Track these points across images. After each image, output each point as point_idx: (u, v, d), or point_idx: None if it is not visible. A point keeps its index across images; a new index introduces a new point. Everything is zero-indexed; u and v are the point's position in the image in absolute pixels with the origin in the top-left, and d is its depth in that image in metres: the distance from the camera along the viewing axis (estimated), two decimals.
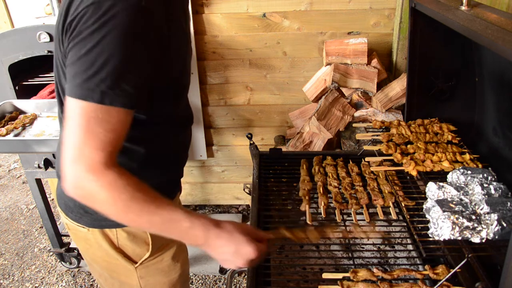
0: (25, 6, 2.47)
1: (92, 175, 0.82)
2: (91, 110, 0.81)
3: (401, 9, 2.18)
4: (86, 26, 0.81)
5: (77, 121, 0.82)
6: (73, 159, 0.82)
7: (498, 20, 0.96)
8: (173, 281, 1.30)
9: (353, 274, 1.06)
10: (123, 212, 0.86)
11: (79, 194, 0.86)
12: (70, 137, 0.82)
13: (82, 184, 0.83)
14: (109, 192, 0.83)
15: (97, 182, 0.82)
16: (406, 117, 1.66)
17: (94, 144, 0.81)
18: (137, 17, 0.82)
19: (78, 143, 0.81)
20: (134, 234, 1.15)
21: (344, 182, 1.44)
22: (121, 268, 1.20)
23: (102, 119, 0.82)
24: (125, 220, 0.89)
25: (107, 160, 0.83)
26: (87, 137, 0.81)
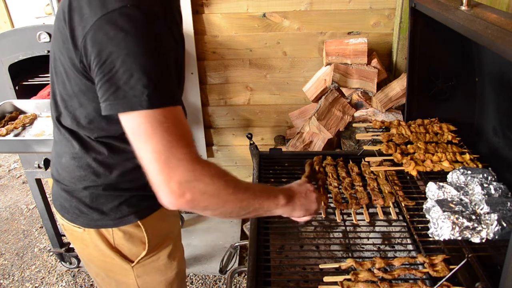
0: (25, 6, 2.47)
1: (199, 171, 0.81)
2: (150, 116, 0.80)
3: (401, 9, 2.18)
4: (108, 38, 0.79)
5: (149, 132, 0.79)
6: (169, 169, 0.79)
7: (498, 20, 0.96)
8: (170, 280, 1.30)
9: (353, 276, 1.06)
10: (233, 195, 0.88)
11: (189, 199, 0.82)
12: (149, 150, 0.80)
13: (191, 186, 0.81)
14: (219, 180, 0.85)
15: (206, 175, 0.83)
16: (406, 117, 1.66)
17: (181, 144, 0.80)
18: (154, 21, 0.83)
19: (163, 151, 0.79)
20: (130, 233, 1.16)
21: (344, 182, 1.44)
22: (118, 267, 1.20)
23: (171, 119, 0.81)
24: (234, 204, 0.90)
25: (197, 154, 0.83)
26: (169, 140, 0.80)
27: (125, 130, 0.84)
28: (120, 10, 0.79)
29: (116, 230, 1.14)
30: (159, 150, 0.79)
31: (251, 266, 1.15)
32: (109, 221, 1.11)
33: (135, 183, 1.11)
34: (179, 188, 0.80)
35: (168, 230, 1.27)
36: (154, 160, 0.80)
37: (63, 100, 1.01)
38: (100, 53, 0.81)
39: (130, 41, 0.79)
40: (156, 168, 0.80)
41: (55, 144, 1.13)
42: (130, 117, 0.81)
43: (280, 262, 1.35)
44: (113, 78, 0.80)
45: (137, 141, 0.82)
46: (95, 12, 0.81)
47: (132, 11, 0.80)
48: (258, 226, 1.32)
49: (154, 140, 0.79)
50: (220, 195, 0.86)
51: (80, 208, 1.11)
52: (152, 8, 0.83)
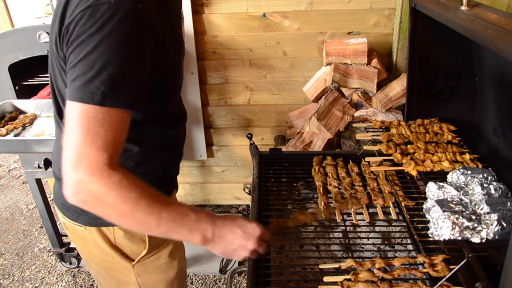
0: (25, 6, 2.46)
1: (98, 177, 0.81)
2: (91, 112, 0.81)
3: (401, 9, 2.18)
4: (84, 29, 0.81)
5: (78, 124, 0.81)
6: (75, 163, 0.81)
7: (498, 20, 0.96)
8: (170, 279, 1.30)
9: (353, 276, 1.06)
10: (132, 211, 0.85)
11: (81, 198, 0.84)
12: (71, 140, 0.81)
13: (86, 187, 0.82)
14: (117, 192, 0.82)
15: (103, 184, 0.81)
16: (406, 117, 1.66)
17: (97, 145, 0.81)
18: (134, 20, 0.83)
19: (80, 146, 0.81)
20: (131, 232, 1.16)
21: (344, 182, 1.44)
22: (119, 266, 1.20)
23: (103, 120, 0.81)
24: (132, 220, 0.87)
25: (111, 161, 0.82)
26: (89, 139, 0.80)
27: (66, 112, 0.84)
28: (104, 5, 0.80)
29: (117, 228, 1.14)
30: (78, 143, 0.81)
31: (251, 266, 1.15)
32: None
33: None
34: (75, 185, 0.82)
35: None
36: (69, 150, 0.82)
37: (62, 97, 1.02)
38: (75, 39, 0.83)
39: (104, 36, 0.80)
40: (67, 158, 0.82)
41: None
42: (75, 105, 0.82)
43: (280, 262, 1.35)
44: (77, 66, 0.82)
45: (69, 127, 0.83)
46: (81, 4, 0.82)
47: (115, 7, 0.80)
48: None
49: (81, 133, 0.81)
50: (114, 207, 0.84)
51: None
52: (137, 5, 0.83)
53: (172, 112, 1.18)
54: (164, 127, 1.15)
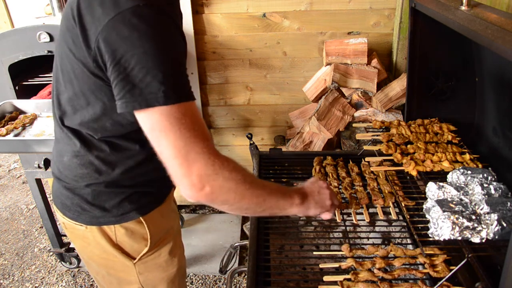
0: (25, 6, 2.47)
1: (218, 165, 0.83)
2: (175, 111, 0.82)
3: (401, 9, 2.18)
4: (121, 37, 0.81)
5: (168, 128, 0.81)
6: (188, 163, 0.82)
7: (498, 20, 0.96)
8: (171, 276, 1.31)
9: (354, 276, 1.06)
10: (250, 190, 0.89)
11: (207, 192, 0.84)
12: (169, 145, 0.82)
13: (211, 179, 0.83)
14: (237, 174, 0.86)
15: (225, 168, 0.84)
16: (406, 117, 1.66)
17: (199, 139, 0.82)
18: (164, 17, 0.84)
19: (182, 146, 0.81)
20: (132, 230, 1.16)
21: (344, 182, 1.44)
22: (120, 264, 1.20)
23: (189, 115, 0.83)
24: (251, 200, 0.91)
25: (214, 147, 0.84)
26: (187, 136, 0.82)
27: (143, 127, 0.85)
28: (132, 9, 0.80)
29: (118, 227, 1.14)
30: (178, 145, 0.81)
31: (251, 266, 1.15)
32: (111, 218, 1.12)
33: (136, 180, 1.12)
34: (199, 181, 0.83)
35: (168, 226, 1.27)
36: (174, 155, 0.82)
37: (69, 99, 1.01)
38: (114, 52, 0.82)
39: (144, 39, 0.80)
40: (176, 163, 0.82)
41: (57, 142, 1.14)
42: (147, 114, 0.82)
43: (280, 262, 1.35)
44: (128, 76, 0.82)
45: (156, 137, 0.83)
46: (107, 12, 0.81)
47: (144, 10, 0.81)
48: (258, 226, 1.32)
49: (173, 136, 0.81)
50: (237, 189, 0.88)
51: (82, 206, 1.12)
52: (163, 7, 0.84)
53: None
54: None
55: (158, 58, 0.81)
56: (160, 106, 0.81)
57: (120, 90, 0.84)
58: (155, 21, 0.82)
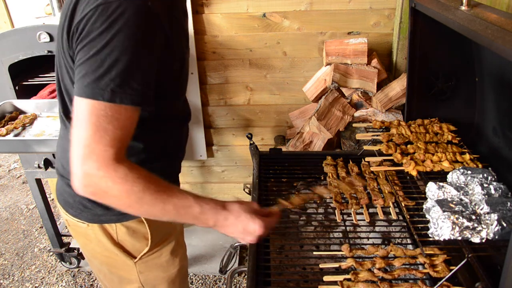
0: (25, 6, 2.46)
1: (104, 171, 0.84)
2: (100, 108, 0.83)
3: (401, 9, 2.18)
4: (95, 27, 0.82)
5: (87, 120, 0.83)
6: (83, 157, 0.83)
7: (498, 20, 0.96)
8: (172, 277, 1.31)
9: (354, 276, 1.06)
10: (137, 204, 0.88)
11: (91, 191, 0.87)
12: (80, 135, 0.84)
13: (94, 181, 0.85)
14: (122, 186, 0.85)
15: (110, 178, 0.84)
16: (406, 117, 1.66)
17: (104, 141, 0.83)
18: (144, 17, 0.84)
19: (88, 141, 0.83)
20: (134, 229, 1.16)
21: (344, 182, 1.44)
22: (121, 263, 1.21)
23: (111, 117, 0.83)
24: (139, 212, 0.92)
25: (117, 156, 0.85)
26: (97, 135, 0.83)
27: (74, 107, 0.86)
28: (114, 2, 0.81)
29: (119, 225, 1.14)
30: (86, 138, 0.83)
31: (251, 266, 1.16)
32: (113, 216, 1.12)
33: None
34: (84, 178, 0.85)
35: (170, 227, 1.27)
36: (77, 145, 0.84)
37: (68, 94, 1.03)
38: (85, 37, 0.84)
39: (114, 34, 0.82)
40: (76, 153, 0.84)
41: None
42: (84, 101, 0.84)
43: (280, 262, 1.35)
44: (86, 63, 0.84)
45: (77, 123, 0.85)
46: (91, 2, 0.83)
47: (125, 4, 0.82)
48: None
49: (89, 129, 0.83)
50: (120, 199, 0.88)
51: (84, 203, 1.12)
52: (146, 2, 0.84)
53: (177, 110, 1.19)
54: (169, 125, 1.16)
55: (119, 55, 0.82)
56: (99, 101, 0.83)
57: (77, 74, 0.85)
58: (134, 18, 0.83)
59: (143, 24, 0.84)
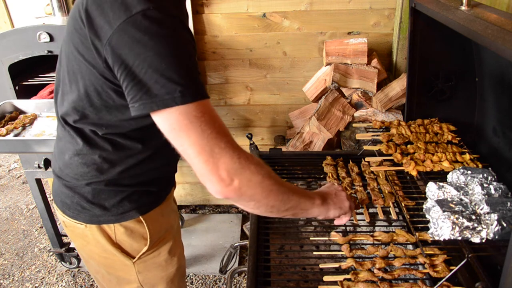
0: (25, 6, 2.47)
1: (241, 160, 0.83)
2: (194, 109, 0.81)
3: (401, 9, 2.18)
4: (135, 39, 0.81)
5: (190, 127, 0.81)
6: (213, 158, 0.81)
7: (498, 20, 0.96)
8: (171, 276, 1.31)
9: (354, 276, 1.06)
10: (276, 185, 0.90)
11: (237, 186, 0.84)
12: (193, 144, 0.81)
13: (238, 173, 0.83)
14: (262, 168, 0.87)
15: (250, 163, 0.85)
16: (406, 117, 1.66)
17: (220, 135, 0.82)
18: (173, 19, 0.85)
19: (205, 143, 0.81)
20: (132, 229, 1.16)
21: (344, 182, 1.44)
22: (119, 263, 1.21)
23: (207, 113, 0.83)
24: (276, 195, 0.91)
25: (236, 142, 0.85)
26: (208, 132, 0.81)
27: (162, 129, 0.84)
28: (143, 12, 0.81)
29: (117, 225, 1.14)
30: (201, 143, 0.81)
31: (251, 266, 1.15)
32: (111, 216, 1.12)
33: (136, 179, 1.12)
34: (228, 175, 0.82)
35: (168, 225, 1.27)
36: (197, 153, 0.81)
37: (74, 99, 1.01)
38: (127, 55, 0.82)
39: (156, 41, 0.81)
40: (201, 160, 0.81)
41: (59, 140, 1.14)
42: (165, 115, 0.82)
43: (280, 262, 1.35)
44: (143, 79, 0.82)
45: (177, 137, 0.83)
46: (118, 15, 0.82)
47: (154, 13, 0.82)
48: (258, 226, 1.32)
49: (195, 134, 0.81)
50: (263, 184, 0.87)
51: (82, 204, 1.12)
52: (171, 10, 0.85)
53: None
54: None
55: (171, 59, 0.81)
56: (178, 105, 0.81)
57: (136, 93, 0.83)
58: (166, 23, 0.83)
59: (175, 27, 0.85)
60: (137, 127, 1.03)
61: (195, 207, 3.09)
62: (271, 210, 0.94)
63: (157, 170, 1.18)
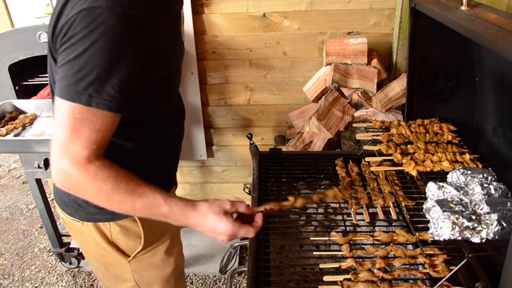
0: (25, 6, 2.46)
1: (76, 169, 0.88)
2: (77, 111, 0.86)
3: (401, 9, 2.18)
4: (76, 31, 0.85)
5: (64, 120, 0.87)
6: (59, 154, 0.88)
7: (498, 20, 0.96)
8: (167, 276, 1.31)
9: (354, 276, 1.06)
10: (107, 201, 0.93)
11: (66, 186, 0.92)
12: (58, 134, 0.89)
13: (68, 177, 0.90)
14: (92, 184, 0.90)
15: (81, 176, 0.89)
16: (406, 117, 1.66)
17: (79, 142, 0.87)
18: (124, 25, 0.86)
19: (64, 140, 0.87)
20: (127, 228, 1.17)
21: (344, 182, 1.44)
22: (115, 261, 1.22)
23: (87, 119, 0.87)
24: (111, 208, 0.95)
25: (90, 156, 0.89)
26: (73, 136, 0.87)
27: (55, 108, 0.90)
28: (97, 9, 0.83)
29: (113, 224, 1.15)
30: (63, 138, 0.88)
31: (251, 266, 1.16)
32: (106, 215, 1.13)
33: None
34: (59, 174, 0.90)
35: (165, 226, 1.27)
36: (55, 143, 0.89)
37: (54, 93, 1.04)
38: (67, 40, 0.87)
39: (94, 40, 0.84)
40: (53, 149, 0.89)
41: None
42: (63, 102, 0.87)
43: (280, 262, 1.35)
44: (66, 65, 0.87)
45: (56, 122, 0.89)
46: (76, 7, 0.85)
47: (107, 11, 0.84)
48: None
49: (67, 130, 0.87)
50: (91, 196, 0.92)
51: (78, 202, 1.13)
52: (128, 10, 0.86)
53: (169, 111, 1.20)
54: (160, 125, 1.17)
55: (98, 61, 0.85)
56: (77, 104, 0.86)
57: (58, 75, 0.89)
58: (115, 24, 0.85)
59: (122, 32, 0.86)
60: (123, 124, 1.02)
61: None
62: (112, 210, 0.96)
63: (151, 169, 1.18)
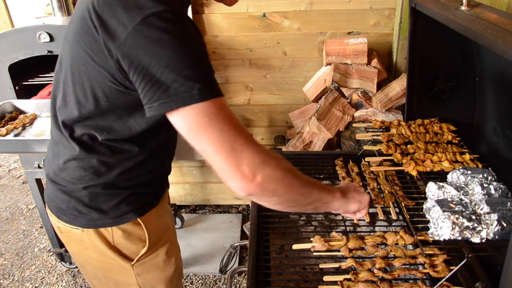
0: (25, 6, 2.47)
1: (261, 155, 0.83)
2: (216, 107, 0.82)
3: (401, 9, 2.18)
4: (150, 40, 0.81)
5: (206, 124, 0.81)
6: (234, 155, 0.81)
7: (498, 20, 0.96)
8: (169, 276, 1.31)
9: (354, 276, 1.06)
10: (297, 179, 0.90)
11: (260, 181, 0.83)
12: (212, 141, 0.81)
13: (259, 168, 0.82)
14: (282, 162, 0.87)
15: (271, 158, 0.85)
16: (406, 117, 1.66)
17: (237, 131, 0.82)
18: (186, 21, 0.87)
19: (225, 140, 0.81)
20: (129, 231, 1.16)
21: (344, 182, 1.44)
22: (117, 267, 1.20)
23: (220, 110, 0.82)
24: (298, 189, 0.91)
25: (254, 138, 0.84)
26: (226, 129, 0.81)
27: (179, 128, 0.84)
28: (157, 14, 0.81)
29: (115, 229, 1.13)
30: (221, 140, 0.80)
31: (251, 266, 1.15)
32: (109, 220, 1.12)
33: (134, 181, 1.12)
34: (250, 171, 0.81)
35: (165, 226, 1.27)
36: (218, 151, 0.81)
37: (77, 102, 0.99)
38: (143, 56, 0.81)
39: (172, 41, 0.80)
40: (222, 157, 0.81)
41: (54, 144, 1.12)
42: (183, 113, 0.81)
43: (280, 262, 1.35)
44: (161, 78, 0.81)
45: (195, 135, 0.82)
46: (133, 17, 0.81)
47: (168, 14, 0.82)
48: (258, 226, 1.32)
49: (214, 131, 0.80)
50: (285, 178, 0.87)
51: (78, 209, 1.10)
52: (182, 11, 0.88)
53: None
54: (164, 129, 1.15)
55: (187, 57, 0.81)
56: (197, 103, 0.80)
57: (154, 93, 0.82)
58: (179, 23, 0.83)
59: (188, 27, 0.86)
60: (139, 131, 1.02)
61: (195, 207, 3.09)
62: (293, 205, 0.93)
63: (154, 171, 1.18)
